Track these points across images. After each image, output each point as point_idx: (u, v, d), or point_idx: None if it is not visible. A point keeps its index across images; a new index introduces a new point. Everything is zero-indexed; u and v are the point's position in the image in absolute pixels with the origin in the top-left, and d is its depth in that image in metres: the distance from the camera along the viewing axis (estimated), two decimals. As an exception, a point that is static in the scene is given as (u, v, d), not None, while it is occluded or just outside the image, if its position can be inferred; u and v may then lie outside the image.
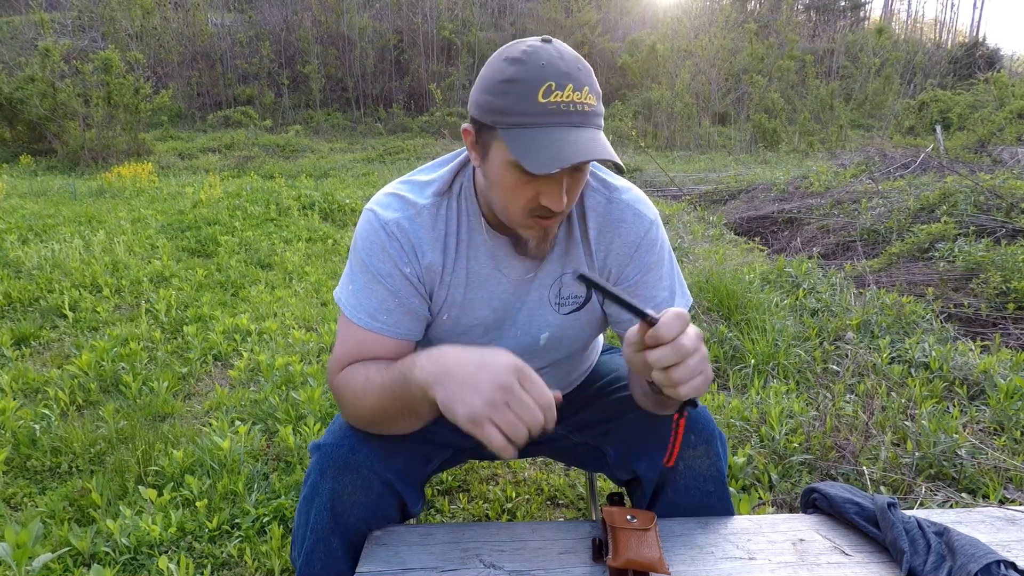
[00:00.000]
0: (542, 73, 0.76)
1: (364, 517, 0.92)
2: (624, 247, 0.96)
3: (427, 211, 0.92)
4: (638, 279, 0.97)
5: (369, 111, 22.57)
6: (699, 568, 0.86)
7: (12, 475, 1.94)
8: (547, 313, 0.99)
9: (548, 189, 0.81)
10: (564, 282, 0.97)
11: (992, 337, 2.74)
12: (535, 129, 0.76)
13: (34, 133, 13.45)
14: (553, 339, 1.01)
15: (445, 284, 0.94)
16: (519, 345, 1.00)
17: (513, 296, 0.97)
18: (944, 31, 35.07)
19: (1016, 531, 0.96)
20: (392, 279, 0.91)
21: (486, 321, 0.98)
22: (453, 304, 0.95)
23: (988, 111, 12.54)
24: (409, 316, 0.93)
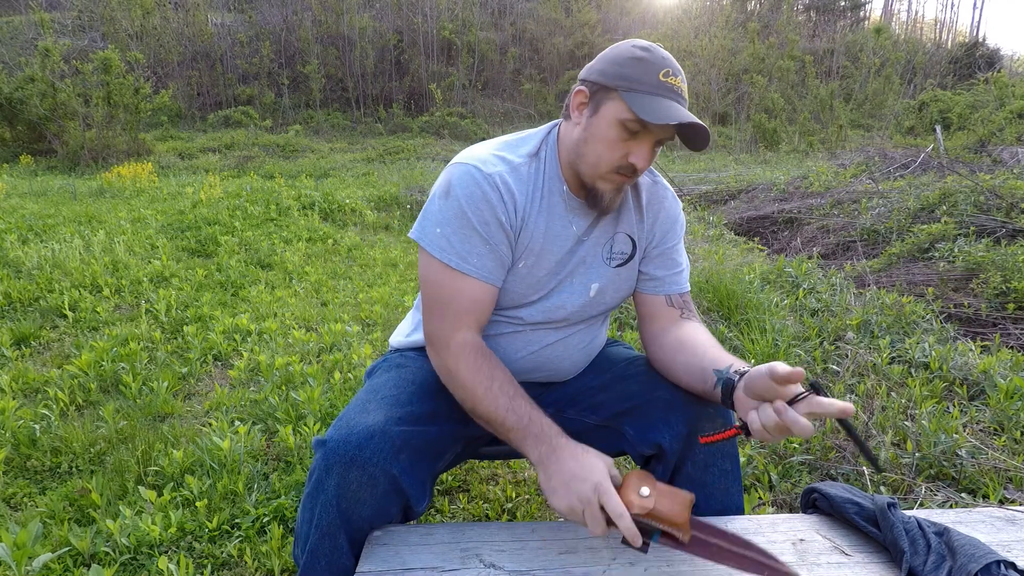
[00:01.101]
0: (663, 62, 0.98)
1: (369, 515, 0.92)
2: (667, 220, 1.17)
3: (522, 167, 1.07)
4: (672, 246, 1.17)
5: (369, 111, 22.57)
6: (699, 567, 0.86)
7: (12, 475, 1.94)
8: (600, 266, 1.13)
9: (640, 149, 0.98)
10: (616, 240, 1.13)
11: (992, 337, 2.74)
12: (655, 96, 0.95)
13: (34, 133, 13.45)
14: (600, 291, 1.14)
15: (528, 232, 1.06)
16: (575, 295, 1.12)
17: (576, 249, 1.11)
18: (944, 31, 35.07)
19: (1016, 531, 0.96)
20: (488, 227, 1.02)
21: (553, 270, 1.10)
22: (531, 252, 1.07)
23: (988, 111, 12.54)
24: (498, 264, 1.04)
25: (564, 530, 0.96)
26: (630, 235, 1.14)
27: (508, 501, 1.80)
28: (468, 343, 1.00)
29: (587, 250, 1.11)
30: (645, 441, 1.08)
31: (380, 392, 1.06)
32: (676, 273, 1.17)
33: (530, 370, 1.17)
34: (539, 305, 1.11)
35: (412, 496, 0.96)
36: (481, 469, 1.96)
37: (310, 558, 0.93)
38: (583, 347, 1.20)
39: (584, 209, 1.08)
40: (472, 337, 1.01)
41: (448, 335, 1.01)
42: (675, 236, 1.18)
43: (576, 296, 1.12)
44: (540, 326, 1.14)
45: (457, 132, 19.08)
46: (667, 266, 1.17)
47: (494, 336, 1.13)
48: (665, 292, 1.16)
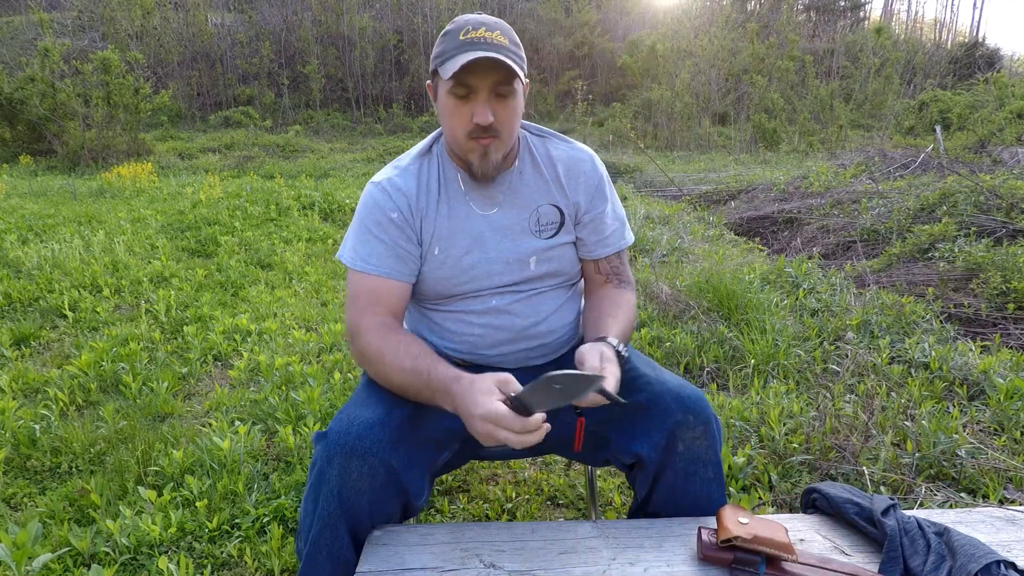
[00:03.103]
0: (464, 23, 1.04)
1: (369, 506, 0.93)
2: (588, 186, 1.21)
3: (411, 167, 1.17)
4: (599, 213, 1.21)
5: (369, 111, 22.56)
6: (700, 567, 0.86)
7: (12, 475, 1.94)
8: (530, 240, 1.17)
9: (477, 107, 1.03)
10: (541, 212, 1.17)
11: (992, 337, 2.74)
12: (456, 55, 1.00)
13: (34, 133, 13.44)
14: (541, 263, 1.18)
15: (431, 220, 1.14)
16: (510, 272, 1.16)
17: (490, 226, 1.15)
18: (944, 31, 35.07)
19: (1016, 531, 0.96)
20: (380, 226, 1.12)
21: (473, 253, 1.14)
22: (440, 237, 1.14)
23: (988, 111, 12.54)
24: (397, 259, 1.12)
25: (564, 530, 0.96)
26: (555, 204, 1.18)
27: (508, 501, 1.80)
28: (373, 324, 1.08)
29: (506, 223, 1.16)
30: (625, 450, 1.08)
31: (379, 388, 1.07)
32: (603, 239, 1.22)
33: (511, 343, 1.19)
34: (475, 282, 1.15)
35: (411, 490, 0.97)
36: (481, 469, 1.96)
37: (312, 548, 0.94)
38: (554, 311, 1.21)
39: (485, 188, 1.15)
40: (378, 320, 1.08)
41: (357, 323, 1.09)
42: (601, 201, 1.22)
43: (513, 269, 1.16)
44: (491, 297, 1.17)
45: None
46: (595, 231, 1.22)
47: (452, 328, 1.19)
48: (592, 257, 1.23)
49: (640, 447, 1.05)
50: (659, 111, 17.91)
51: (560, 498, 1.83)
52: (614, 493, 1.82)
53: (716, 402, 2.23)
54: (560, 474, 1.93)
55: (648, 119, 18.39)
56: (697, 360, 2.65)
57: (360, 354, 1.08)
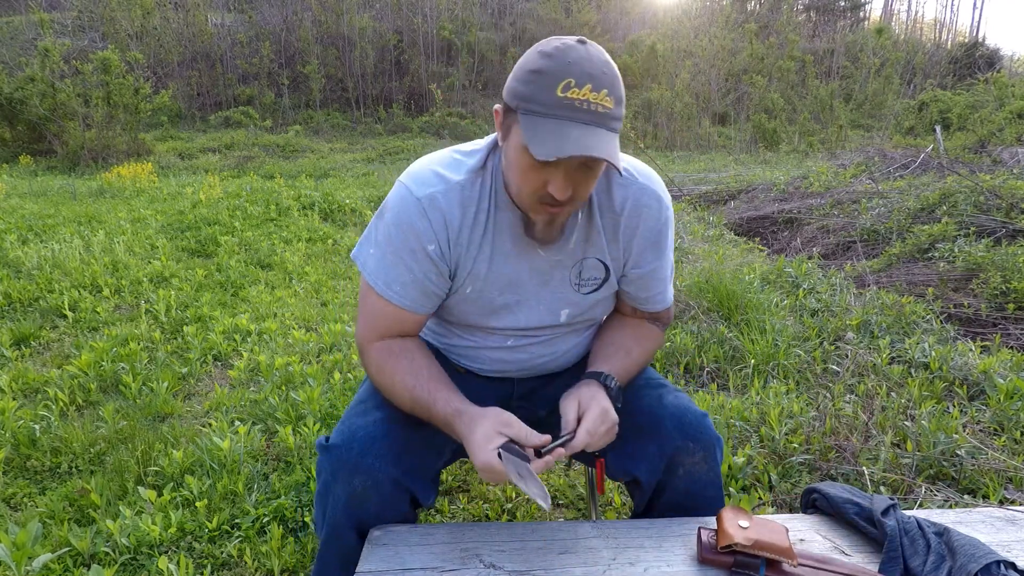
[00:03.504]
0: (566, 70, 0.81)
1: (376, 511, 0.96)
2: (645, 238, 1.05)
3: (460, 187, 0.97)
4: (650, 270, 1.08)
5: (369, 111, 22.55)
6: (700, 568, 0.86)
7: (12, 475, 1.94)
8: (568, 293, 1.06)
9: (555, 178, 0.85)
10: (585, 265, 1.04)
11: (992, 337, 2.74)
12: (548, 119, 0.81)
13: (34, 133, 13.44)
14: (573, 315, 1.09)
15: (471, 257, 0.99)
16: (539, 319, 1.07)
17: (533, 274, 1.03)
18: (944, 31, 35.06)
19: (1016, 531, 0.96)
20: (414, 255, 0.97)
21: (507, 295, 1.04)
22: (477, 277, 1.01)
23: (988, 111, 12.54)
24: (422, 293, 1.00)
25: (564, 530, 0.96)
26: (601, 260, 1.04)
27: (508, 501, 1.80)
28: (380, 348, 1.03)
29: (548, 274, 1.03)
30: (621, 470, 1.07)
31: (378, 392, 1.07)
32: (651, 296, 1.11)
33: (518, 371, 1.16)
34: (500, 321, 1.07)
35: (418, 494, 0.99)
36: (481, 469, 1.96)
37: (324, 547, 1.01)
38: (570, 348, 1.16)
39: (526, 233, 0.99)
40: (385, 343, 1.03)
41: (365, 343, 1.04)
42: (655, 257, 1.06)
43: (543, 317, 1.07)
44: (509, 337, 1.11)
45: (457, 132, 19.07)
46: (644, 288, 1.10)
47: (462, 347, 1.14)
48: (638, 308, 1.14)
49: (638, 470, 1.04)
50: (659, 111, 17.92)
51: (560, 498, 1.83)
52: (614, 493, 1.82)
53: (716, 402, 2.23)
54: (560, 474, 1.92)
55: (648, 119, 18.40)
56: (697, 360, 2.65)
57: (367, 369, 1.05)
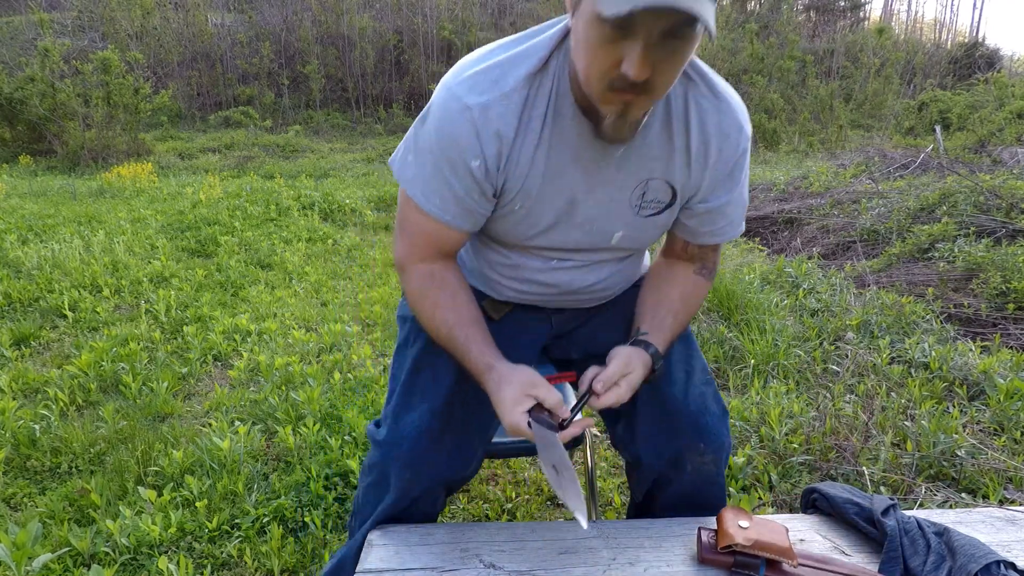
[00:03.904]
0: None
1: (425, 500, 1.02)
2: (721, 170, 0.94)
3: (515, 95, 0.86)
4: (720, 205, 0.97)
5: (369, 111, 22.55)
6: (700, 568, 0.86)
7: (12, 475, 1.94)
8: (626, 214, 0.95)
9: (630, 53, 0.71)
10: (650, 187, 0.93)
11: (992, 337, 2.74)
12: None
13: (34, 133, 13.43)
14: (625, 238, 0.99)
15: (522, 174, 0.90)
16: (589, 240, 0.98)
17: (592, 192, 0.92)
18: (944, 31, 35.05)
19: (1016, 531, 0.96)
20: (455, 169, 0.89)
21: (559, 214, 0.94)
22: (528, 195, 0.92)
23: (988, 111, 12.54)
24: (463, 209, 0.92)
25: (564, 530, 0.96)
26: (670, 183, 0.93)
27: (508, 501, 1.80)
28: (422, 271, 0.98)
29: (608, 192, 0.92)
30: (627, 446, 1.08)
31: (422, 374, 1.06)
32: (713, 230, 1.00)
33: (558, 296, 1.08)
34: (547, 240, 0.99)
35: (468, 474, 1.07)
36: (481, 469, 1.96)
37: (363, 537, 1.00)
38: (614, 273, 1.07)
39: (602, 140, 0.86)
40: (427, 266, 0.98)
41: (406, 261, 0.98)
42: (729, 188, 0.96)
43: (594, 239, 0.98)
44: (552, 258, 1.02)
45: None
46: (706, 222, 0.99)
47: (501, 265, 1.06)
48: (688, 240, 1.03)
49: (643, 453, 1.05)
50: (659, 111, 17.86)
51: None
52: (614, 493, 1.82)
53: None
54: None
55: (648, 119, 18.36)
56: (697, 360, 2.65)
57: (407, 291, 1.00)
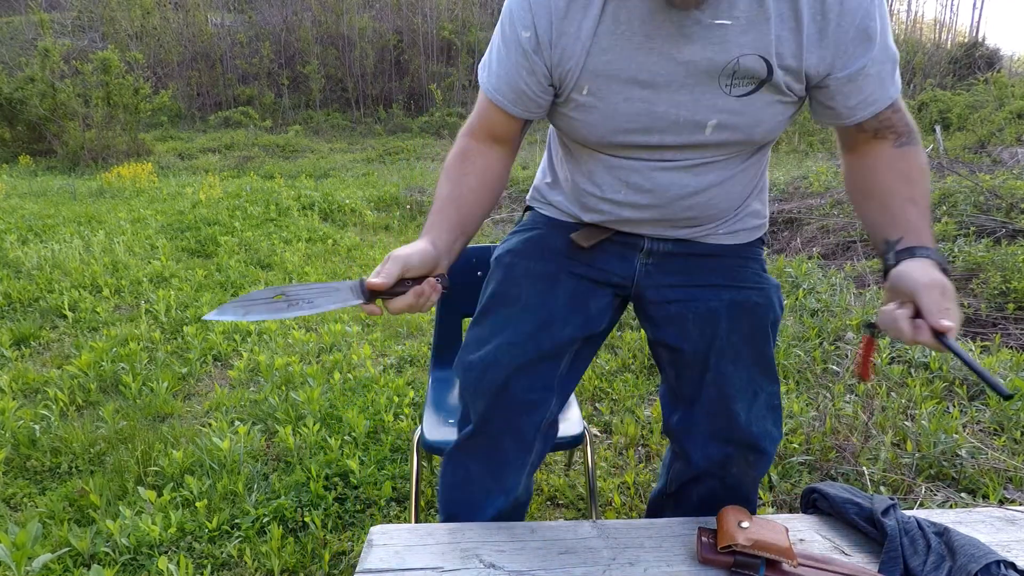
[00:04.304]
0: None
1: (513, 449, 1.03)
2: (846, 31, 0.78)
3: None
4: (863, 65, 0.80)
5: (369, 111, 22.56)
6: (700, 568, 0.86)
7: (12, 475, 1.94)
8: (717, 96, 0.82)
9: None
10: (741, 64, 0.79)
11: (992, 337, 2.74)
12: None
13: (34, 133, 13.43)
14: (722, 128, 0.85)
15: (580, 50, 0.82)
16: (679, 133, 0.86)
17: (667, 68, 0.81)
18: (944, 31, 35.06)
19: (1016, 531, 0.96)
20: (508, 44, 0.86)
21: (637, 100, 0.83)
22: (593, 74, 0.83)
23: (988, 111, 12.54)
24: (513, 89, 0.88)
25: (564, 530, 0.96)
26: (763, 56, 0.79)
27: (508, 501, 1.80)
28: (462, 145, 0.96)
29: (690, 68, 0.81)
30: (677, 440, 1.07)
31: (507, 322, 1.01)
32: (864, 100, 0.84)
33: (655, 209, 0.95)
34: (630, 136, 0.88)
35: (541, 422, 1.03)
36: (481, 469, 1.96)
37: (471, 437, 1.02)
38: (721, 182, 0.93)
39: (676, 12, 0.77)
40: (469, 142, 0.96)
41: (461, 131, 0.98)
42: (865, 48, 0.79)
43: (684, 131, 0.86)
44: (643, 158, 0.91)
45: (457, 132, 19.10)
46: (851, 94, 0.83)
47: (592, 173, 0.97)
48: (852, 122, 0.87)
49: (693, 451, 1.04)
50: (659, 111, 17.87)
51: (560, 498, 1.83)
52: (614, 493, 1.82)
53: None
54: (560, 474, 1.92)
55: (648, 119, 18.38)
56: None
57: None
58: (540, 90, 0.88)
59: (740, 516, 0.86)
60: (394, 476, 1.88)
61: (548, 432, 1.06)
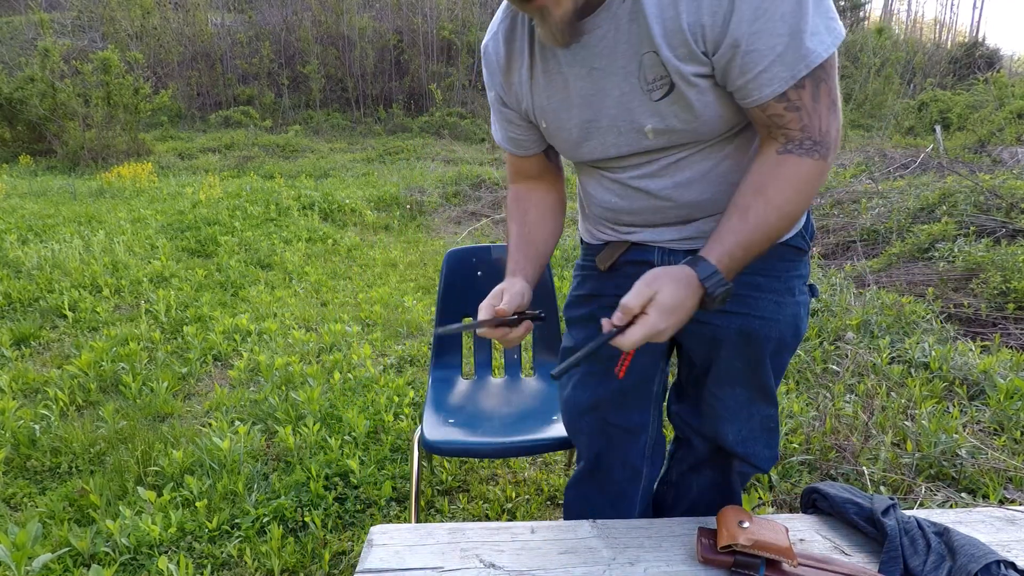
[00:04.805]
0: None
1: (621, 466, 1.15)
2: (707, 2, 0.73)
3: (501, 25, 0.93)
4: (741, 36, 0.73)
5: (369, 111, 22.55)
6: (700, 568, 0.86)
7: (12, 475, 1.94)
8: (642, 102, 0.83)
9: None
10: (644, 64, 0.80)
11: (992, 337, 2.74)
12: None
13: (34, 133, 13.43)
14: (661, 132, 0.85)
15: (526, 93, 0.94)
16: (626, 143, 0.89)
17: (594, 89, 0.86)
18: (944, 31, 35.05)
19: (1016, 531, 0.96)
20: (491, 104, 1.02)
21: (582, 120, 0.90)
22: (544, 110, 0.94)
23: (988, 111, 12.53)
24: (509, 136, 1.02)
25: (564, 530, 0.96)
26: (655, 52, 0.78)
27: (508, 501, 1.80)
28: (512, 191, 1.08)
29: (609, 83, 0.84)
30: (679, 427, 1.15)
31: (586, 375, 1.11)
32: (754, 77, 0.75)
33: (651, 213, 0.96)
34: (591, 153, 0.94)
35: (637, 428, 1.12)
36: (481, 469, 1.96)
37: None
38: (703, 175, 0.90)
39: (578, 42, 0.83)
40: (515, 188, 1.08)
41: (508, 183, 1.11)
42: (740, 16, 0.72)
43: (629, 140, 0.88)
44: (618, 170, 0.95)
45: (457, 132, 19.07)
46: (743, 71, 0.76)
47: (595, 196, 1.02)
48: (747, 103, 0.79)
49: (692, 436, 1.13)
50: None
51: (560, 498, 1.83)
52: (614, 493, 1.83)
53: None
54: (560, 474, 1.92)
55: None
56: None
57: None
58: (526, 130, 1.00)
59: (740, 516, 0.86)
60: (394, 476, 1.88)
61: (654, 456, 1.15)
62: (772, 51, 0.73)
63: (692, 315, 0.79)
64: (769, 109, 0.78)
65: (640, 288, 0.77)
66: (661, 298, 0.76)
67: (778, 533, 0.83)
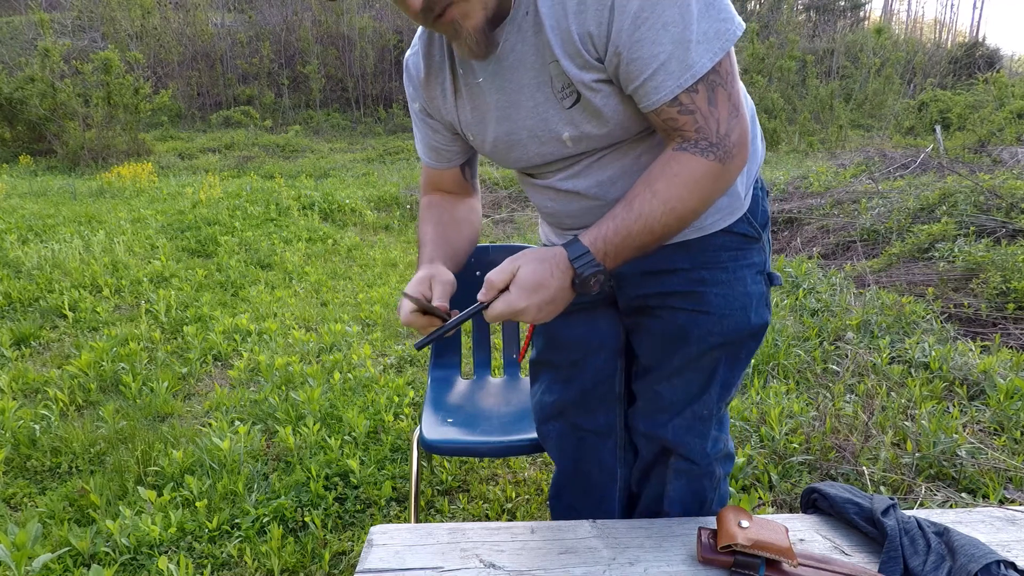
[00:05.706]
0: None
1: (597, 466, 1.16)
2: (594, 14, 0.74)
3: (419, 41, 0.94)
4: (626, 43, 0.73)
5: (369, 111, 22.55)
6: (700, 568, 0.86)
7: (12, 475, 1.94)
8: (556, 110, 0.84)
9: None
10: (553, 73, 0.81)
11: (992, 337, 2.74)
12: None
13: (34, 133, 13.43)
14: (577, 138, 0.86)
15: (450, 106, 0.94)
16: (549, 151, 0.89)
17: (509, 100, 0.86)
18: (944, 31, 35.06)
19: (1016, 531, 0.96)
20: (414, 116, 1.02)
21: (497, 131, 0.90)
22: (467, 123, 0.94)
23: (988, 111, 12.53)
24: (429, 148, 1.03)
25: (564, 530, 0.96)
26: (558, 61, 0.79)
27: (508, 501, 1.80)
28: (425, 201, 1.07)
29: (523, 94, 0.84)
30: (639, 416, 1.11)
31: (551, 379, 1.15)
32: (642, 84, 0.76)
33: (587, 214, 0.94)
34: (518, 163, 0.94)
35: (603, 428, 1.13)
36: (481, 469, 1.96)
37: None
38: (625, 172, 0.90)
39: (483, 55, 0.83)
40: (428, 197, 1.08)
41: (420, 193, 1.11)
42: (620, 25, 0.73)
43: (550, 147, 0.89)
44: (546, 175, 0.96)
45: (457, 132, 19.09)
46: (632, 76, 0.76)
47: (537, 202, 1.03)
48: (643, 109, 0.80)
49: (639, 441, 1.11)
50: (659, 111, 17.85)
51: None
52: (614, 493, 1.82)
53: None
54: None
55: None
56: (697, 360, 2.65)
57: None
58: (450, 141, 1.01)
59: (740, 516, 0.86)
60: (394, 476, 1.88)
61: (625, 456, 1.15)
62: (655, 59, 0.74)
63: (566, 297, 0.79)
64: (663, 114, 0.78)
65: (504, 264, 0.79)
66: (521, 275, 0.77)
67: (778, 533, 0.83)
